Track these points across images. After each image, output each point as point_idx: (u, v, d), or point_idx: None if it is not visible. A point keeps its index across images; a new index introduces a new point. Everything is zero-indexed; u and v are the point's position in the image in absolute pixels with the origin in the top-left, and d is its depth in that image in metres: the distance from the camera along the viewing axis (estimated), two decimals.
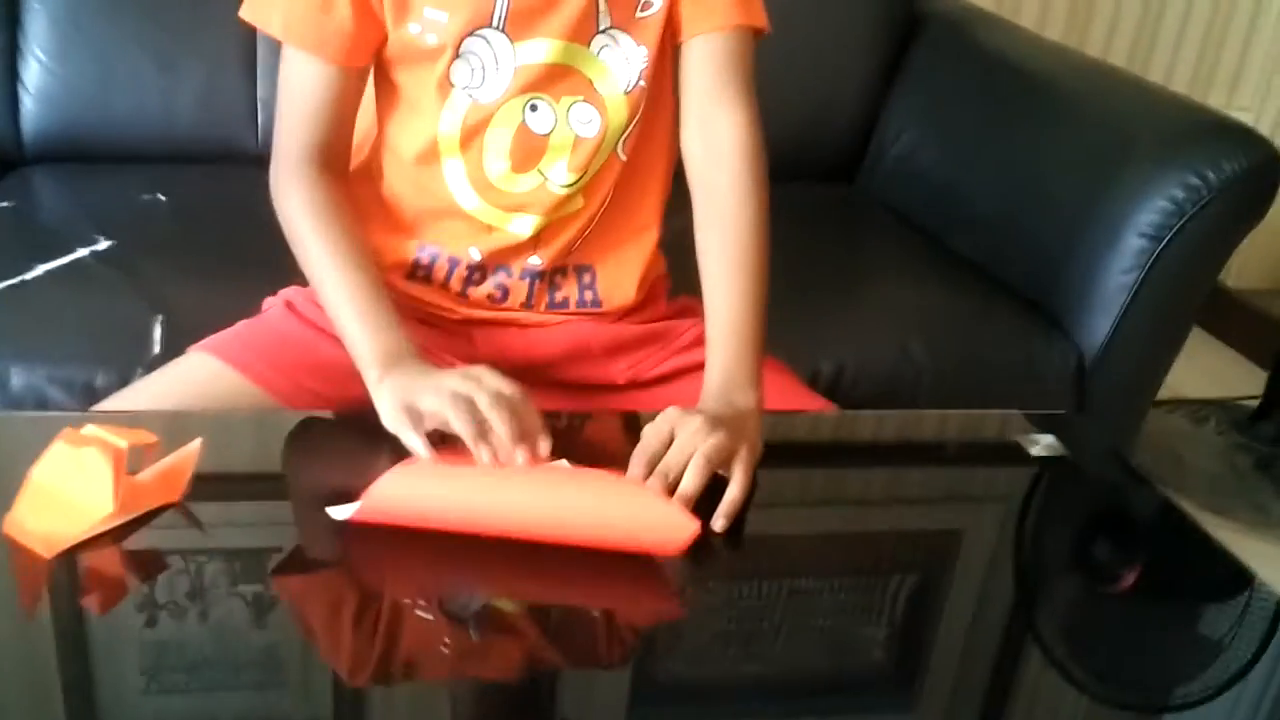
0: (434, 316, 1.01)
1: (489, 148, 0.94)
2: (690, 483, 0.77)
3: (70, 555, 0.69)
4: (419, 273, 1.00)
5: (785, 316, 0.96)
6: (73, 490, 0.70)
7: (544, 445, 0.77)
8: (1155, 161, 1.38)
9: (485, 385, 0.78)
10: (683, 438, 0.79)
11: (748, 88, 0.96)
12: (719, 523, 0.77)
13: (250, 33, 1.60)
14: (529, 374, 0.99)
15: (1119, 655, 0.74)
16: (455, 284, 0.99)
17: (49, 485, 0.70)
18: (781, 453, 0.88)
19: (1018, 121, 1.61)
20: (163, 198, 1.58)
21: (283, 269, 0.97)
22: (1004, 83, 1.66)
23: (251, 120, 1.74)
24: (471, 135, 0.94)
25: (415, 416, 0.79)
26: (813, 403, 1.03)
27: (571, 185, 0.96)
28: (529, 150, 0.94)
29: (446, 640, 0.68)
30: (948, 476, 0.97)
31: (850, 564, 0.83)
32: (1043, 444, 0.96)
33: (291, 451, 0.88)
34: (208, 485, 0.76)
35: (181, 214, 1.54)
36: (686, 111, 0.97)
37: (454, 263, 0.99)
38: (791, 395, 1.02)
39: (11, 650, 0.65)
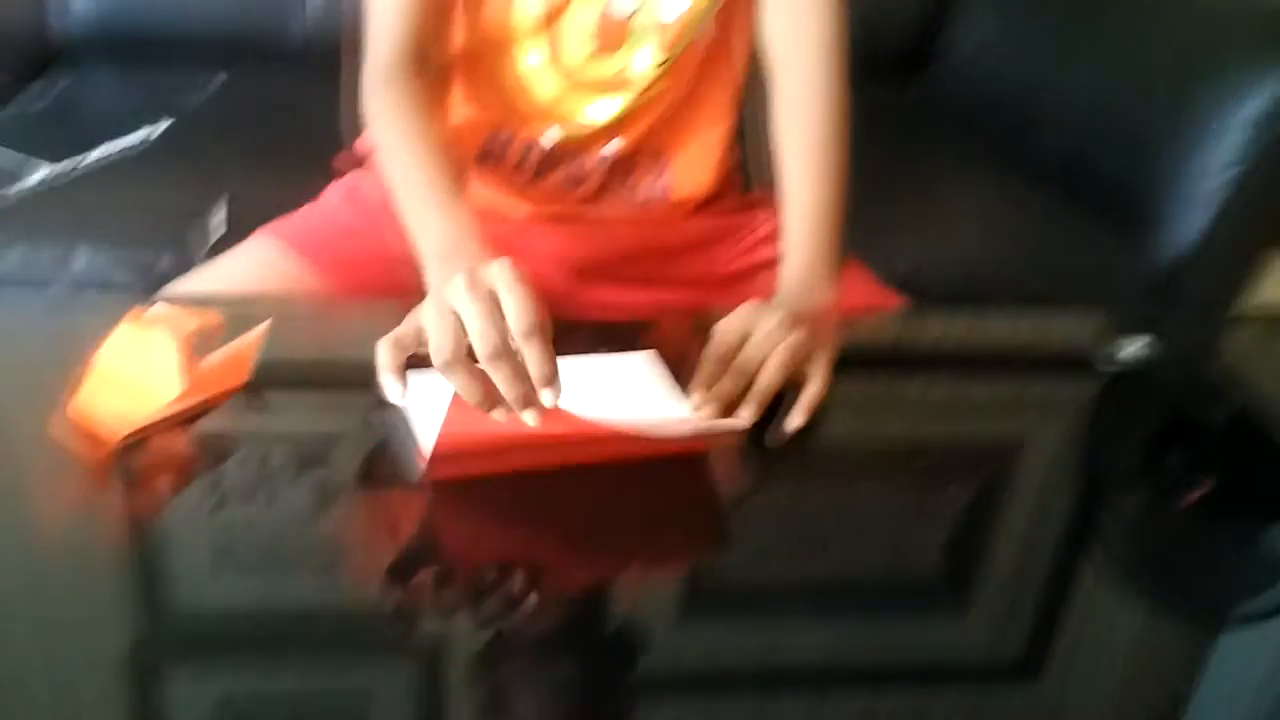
0: (497, 212, 0.98)
1: (570, 31, 0.91)
2: (767, 379, 0.75)
3: (137, 439, 0.69)
4: (490, 159, 0.97)
5: (857, 214, 0.93)
6: (140, 372, 0.69)
7: (548, 396, 0.66)
8: (1259, 49, 1.31)
9: (482, 317, 0.65)
10: (759, 334, 0.77)
11: None
12: (795, 419, 0.75)
13: None
14: (595, 272, 0.97)
15: (1183, 570, 0.73)
16: (527, 170, 0.96)
17: (115, 368, 0.69)
18: (847, 354, 0.85)
19: (1104, 9, 1.53)
20: (218, 82, 1.57)
21: (339, 152, 0.95)
22: None
23: (301, 9, 1.72)
24: (553, 18, 0.91)
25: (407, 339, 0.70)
26: (891, 300, 1.00)
27: (657, 67, 0.93)
28: (612, 33, 0.91)
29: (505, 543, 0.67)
30: (1020, 378, 0.94)
31: (913, 469, 0.80)
32: (1125, 347, 0.92)
33: (354, 338, 0.86)
34: (272, 371, 0.75)
35: (236, 99, 1.54)
36: None
37: (528, 148, 0.96)
38: (869, 292, 0.99)
39: (79, 536, 0.65)
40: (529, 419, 0.65)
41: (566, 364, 0.73)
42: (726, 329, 0.78)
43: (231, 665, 0.58)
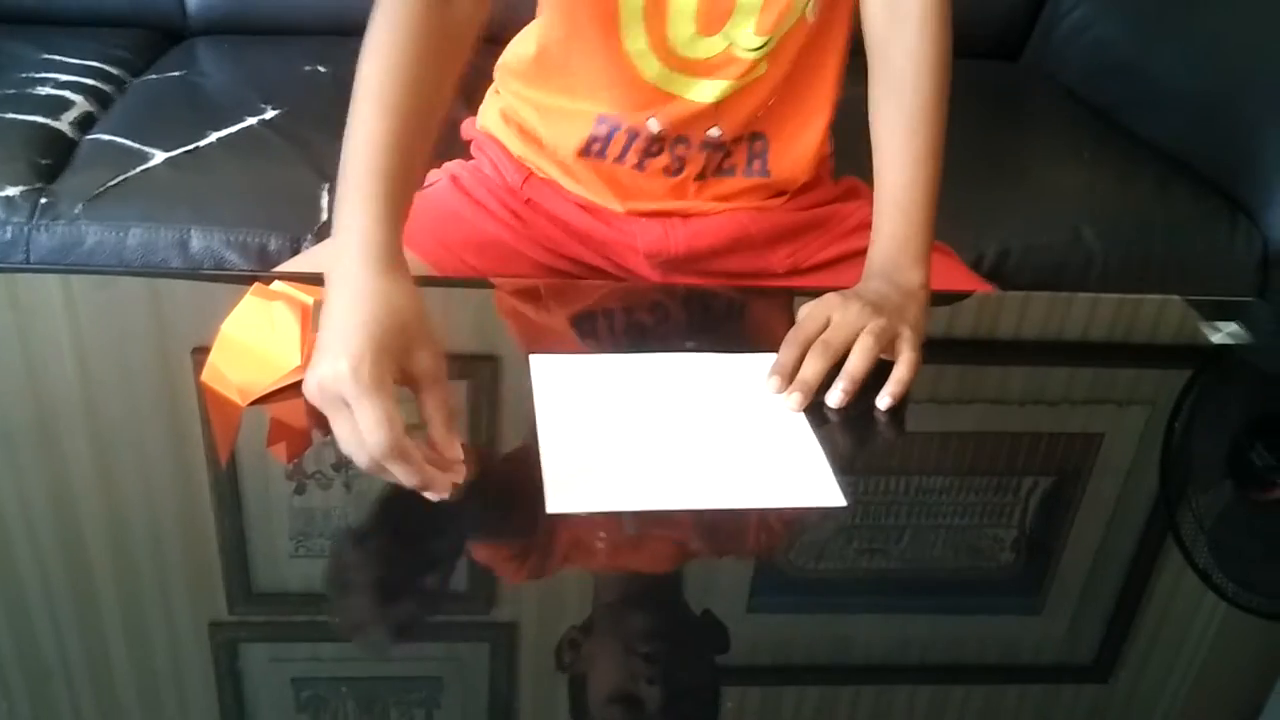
0: (596, 207, 0.99)
1: (673, 9, 0.90)
2: (856, 362, 0.75)
3: (259, 403, 0.73)
4: (594, 148, 0.97)
5: (947, 198, 0.91)
6: (263, 343, 0.73)
7: (440, 485, 0.64)
8: None
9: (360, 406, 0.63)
10: (841, 317, 0.77)
11: None
12: (885, 400, 0.75)
13: None
14: (689, 265, 0.98)
15: (1266, 567, 0.71)
16: (632, 156, 0.96)
17: (240, 338, 0.74)
18: (930, 339, 0.83)
19: None
20: (323, 69, 1.61)
21: (443, 139, 0.97)
22: None
23: None
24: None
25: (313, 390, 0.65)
26: (977, 287, 1.00)
27: (759, 49, 0.92)
28: (716, 12, 0.89)
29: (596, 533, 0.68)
30: (1106, 364, 0.92)
31: (991, 459, 0.80)
32: (1224, 331, 0.91)
33: (458, 317, 0.90)
34: None
35: (342, 84, 1.55)
36: None
37: (632, 135, 0.95)
38: (955, 278, 0.99)
39: (174, 500, 0.69)
40: (434, 497, 0.64)
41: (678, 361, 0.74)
42: (810, 314, 0.78)
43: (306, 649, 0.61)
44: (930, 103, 0.88)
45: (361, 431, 0.62)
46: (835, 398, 0.75)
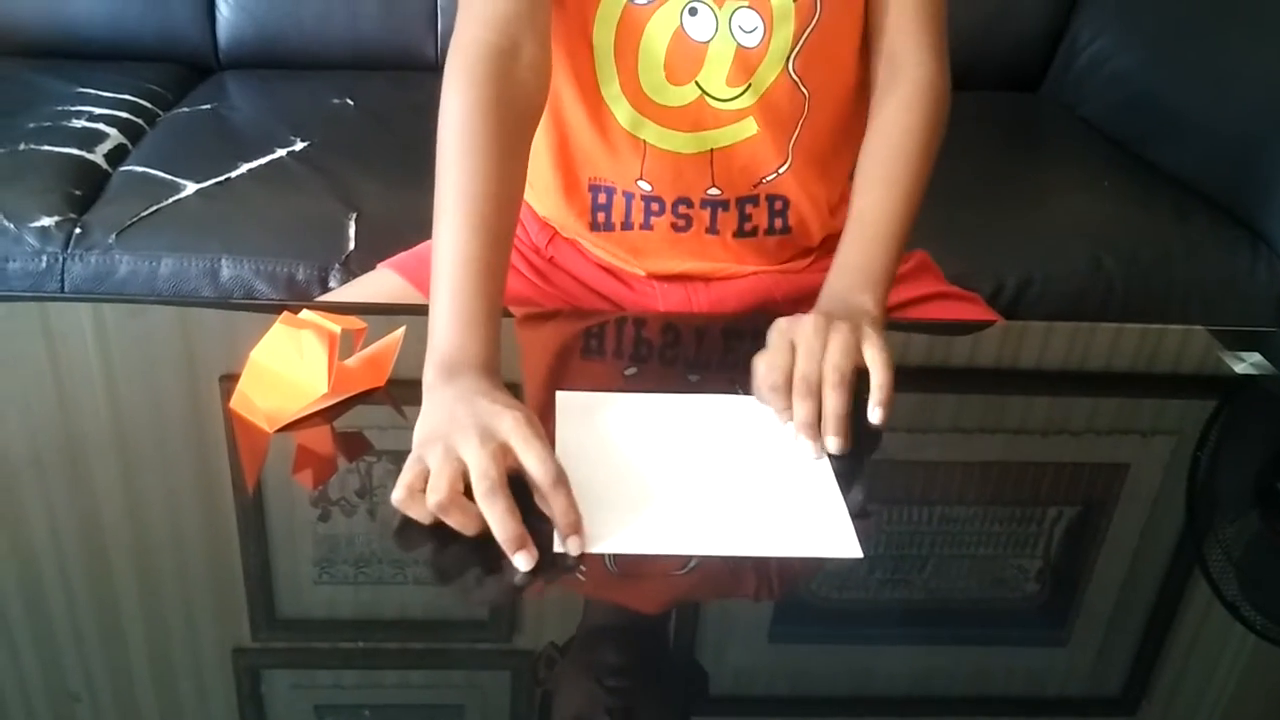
0: (618, 270, 0.98)
1: (643, 53, 0.88)
2: (836, 403, 0.73)
3: (286, 430, 0.74)
4: (599, 219, 0.96)
5: (968, 226, 0.92)
6: (291, 371, 0.74)
7: (574, 544, 0.65)
8: None
9: (479, 465, 0.64)
10: (804, 343, 0.75)
11: (941, 32, 0.91)
12: (875, 413, 0.74)
13: None
14: None
15: None
16: (637, 217, 0.95)
17: (269, 365, 0.75)
18: (943, 368, 0.84)
19: (1225, 24, 1.50)
20: (350, 102, 1.64)
21: None
22: None
23: (431, 28, 1.78)
24: (626, 40, 0.88)
25: (426, 460, 0.66)
26: (972, 305, 1.00)
27: (731, 101, 0.90)
28: (686, 59, 0.88)
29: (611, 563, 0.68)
30: (1128, 395, 0.91)
31: (1014, 489, 0.79)
32: (1247, 362, 0.90)
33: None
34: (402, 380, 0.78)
35: (369, 118, 1.60)
36: (875, 39, 0.91)
37: (629, 196, 0.94)
38: (937, 289, 0.99)
39: (200, 525, 0.70)
40: (520, 562, 0.63)
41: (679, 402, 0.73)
42: (771, 347, 0.76)
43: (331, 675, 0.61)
44: (912, 156, 0.88)
45: (538, 467, 0.64)
46: (834, 445, 0.73)
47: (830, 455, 0.73)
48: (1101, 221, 1.41)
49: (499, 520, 0.63)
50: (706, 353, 0.93)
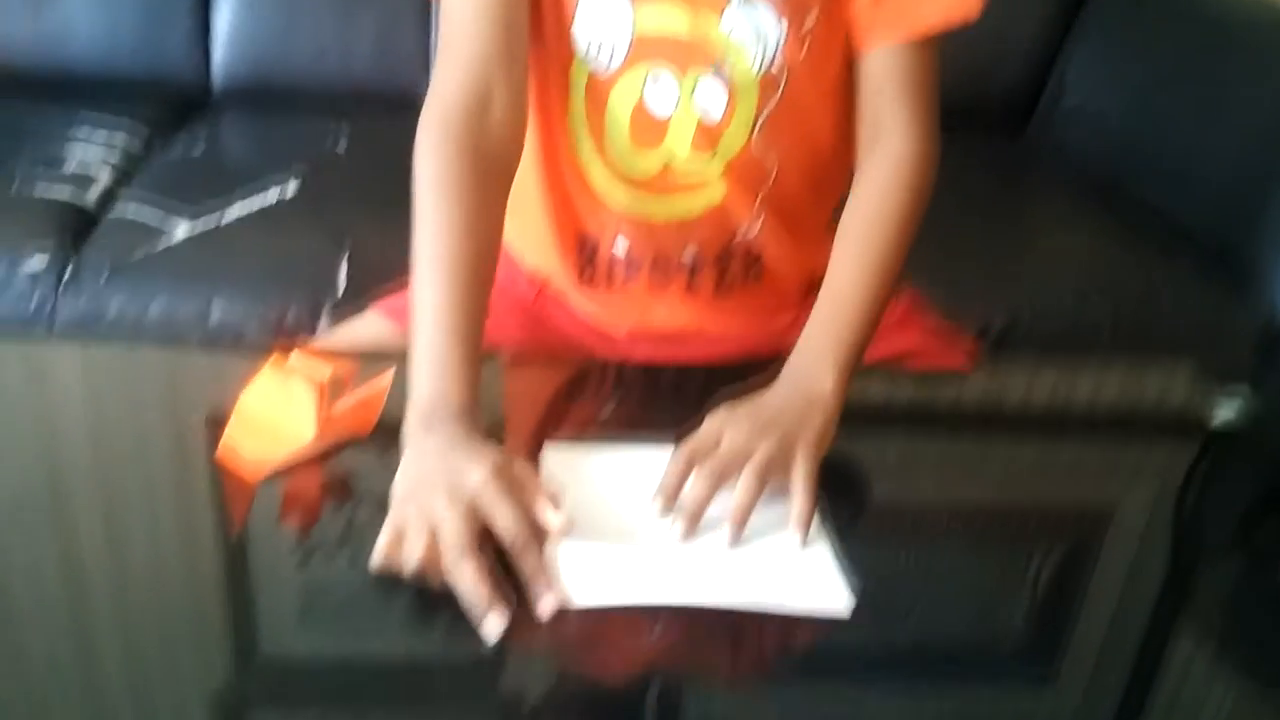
0: (602, 330, 0.98)
1: (609, 118, 0.88)
2: (742, 498, 0.71)
3: (273, 477, 0.74)
4: (586, 274, 0.96)
5: (957, 267, 0.93)
6: (279, 416, 0.74)
7: (547, 603, 0.64)
8: None
9: (448, 528, 0.64)
10: (729, 443, 0.73)
11: (928, 99, 0.89)
12: (797, 538, 0.71)
13: None
14: None
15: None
16: (619, 272, 0.95)
17: (256, 411, 0.75)
18: (925, 411, 0.84)
19: (1205, 70, 1.52)
20: (344, 139, 1.65)
21: None
22: (1189, 31, 1.58)
23: (425, 66, 1.79)
24: (594, 107, 0.88)
25: (401, 523, 0.66)
26: (960, 349, 1.00)
27: (698, 168, 0.90)
28: (649, 128, 0.88)
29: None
30: (1111, 436, 0.91)
31: (998, 534, 0.79)
32: (1228, 404, 0.91)
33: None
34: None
35: (361, 157, 1.60)
36: (859, 104, 0.90)
37: (612, 253, 0.94)
38: (932, 337, 0.99)
39: (185, 571, 0.70)
40: (489, 627, 0.62)
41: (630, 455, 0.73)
42: (706, 429, 0.74)
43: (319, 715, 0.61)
44: (891, 231, 0.86)
45: (507, 528, 0.64)
46: (729, 540, 0.71)
47: (819, 507, 0.73)
48: (1086, 262, 1.42)
49: (465, 589, 0.63)
50: (692, 403, 0.93)
